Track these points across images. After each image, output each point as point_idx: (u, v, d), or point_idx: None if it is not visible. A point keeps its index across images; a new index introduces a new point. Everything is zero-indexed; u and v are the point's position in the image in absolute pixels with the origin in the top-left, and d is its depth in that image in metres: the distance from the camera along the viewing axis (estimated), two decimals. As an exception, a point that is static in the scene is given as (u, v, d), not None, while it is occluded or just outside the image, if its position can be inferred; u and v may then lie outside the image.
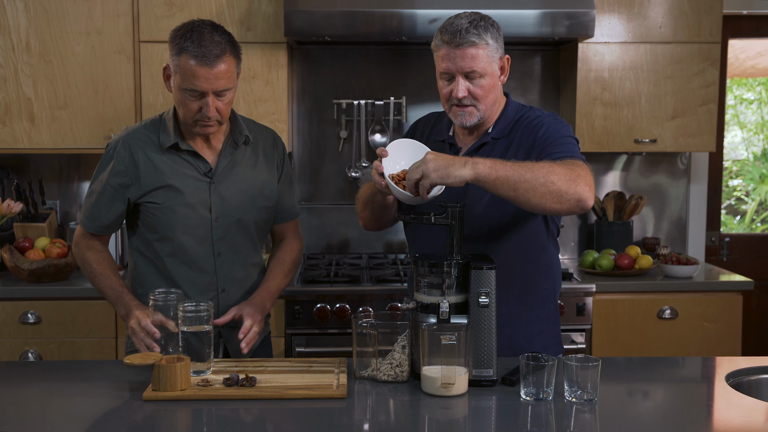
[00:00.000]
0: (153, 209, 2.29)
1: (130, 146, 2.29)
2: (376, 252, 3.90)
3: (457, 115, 2.17)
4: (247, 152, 2.37)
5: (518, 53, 3.87)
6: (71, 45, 3.40)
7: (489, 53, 2.12)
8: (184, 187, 2.28)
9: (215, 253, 2.33)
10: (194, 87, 2.16)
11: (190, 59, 2.14)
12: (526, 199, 1.93)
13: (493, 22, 2.15)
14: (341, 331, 3.23)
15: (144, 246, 2.35)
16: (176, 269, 2.32)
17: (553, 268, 2.28)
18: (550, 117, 2.22)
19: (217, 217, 2.31)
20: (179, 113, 2.24)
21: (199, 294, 2.32)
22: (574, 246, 3.99)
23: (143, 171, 2.27)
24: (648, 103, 3.57)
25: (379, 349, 1.99)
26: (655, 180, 3.97)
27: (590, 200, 1.96)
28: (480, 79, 2.13)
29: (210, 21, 2.22)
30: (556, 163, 1.98)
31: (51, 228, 3.61)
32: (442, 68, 2.15)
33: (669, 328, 3.37)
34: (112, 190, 2.29)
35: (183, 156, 2.30)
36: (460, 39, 2.10)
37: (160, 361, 1.90)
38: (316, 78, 3.85)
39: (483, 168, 1.92)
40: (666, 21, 3.54)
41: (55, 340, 3.22)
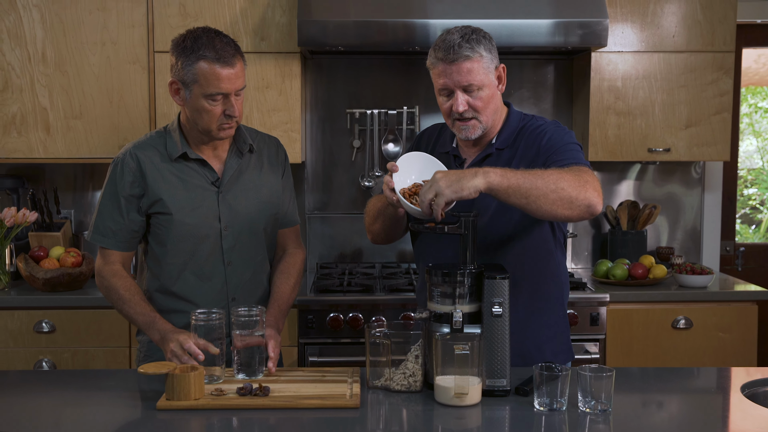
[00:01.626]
0: (162, 220, 2.29)
1: (138, 157, 2.29)
2: (389, 261, 3.90)
3: (460, 129, 2.19)
4: (252, 160, 2.40)
5: (531, 63, 3.87)
6: (86, 55, 3.42)
7: (484, 65, 2.14)
8: (192, 196, 2.30)
9: (225, 262, 2.34)
10: (219, 90, 2.18)
11: (210, 64, 2.16)
12: (538, 206, 1.93)
13: (485, 33, 2.18)
14: (354, 340, 3.23)
15: (153, 261, 2.34)
16: (186, 281, 2.32)
17: (561, 274, 2.30)
18: (552, 125, 2.23)
19: (226, 226, 2.32)
20: (199, 122, 2.24)
21: (209, 304, 2.31)
22: (588, 255, 3.98)
23: (151, 181, 2.28)
24: (662, 112, 3.57)
25: (392, 359, 1.99)
26: (669, 189, 3.96)
27: (599, 205, 1.98)
28: (478, 92, 2.15)
29: (208, 27, 2.25)
30: (564, 170, 1.99)
31: (66, 237, 3.63)
32: (440, 84, 2.17)
33: (683, 339, 3.35)
34: (127, 201, 2.28)
35: (190, 165, 2.31)
36: (454, 54, 2.12)
37: (174, 370, 1.91)
38: (329, 87, 3.86)
39: (495, 177, 1.92)
40: (680, 30, 3.53)
41: (70, 349, 3.23)
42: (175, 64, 2.22)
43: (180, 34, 2.25)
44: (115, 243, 2.30)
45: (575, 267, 3.96)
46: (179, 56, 2.21)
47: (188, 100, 2.23)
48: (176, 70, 2.22)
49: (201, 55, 2.17)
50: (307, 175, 3.89)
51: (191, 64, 2.18)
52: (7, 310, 3.22)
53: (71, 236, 3.73)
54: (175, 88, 2.25)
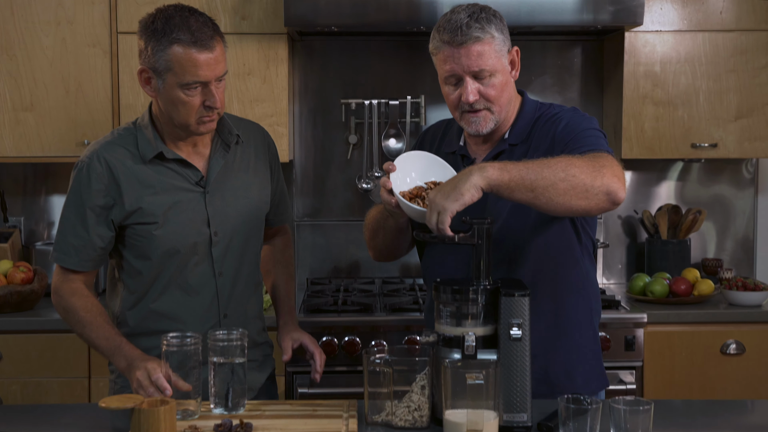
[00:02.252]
0: (141, 231, 2.28)
1: (107, 160, 2.27)
2: (391, 276, 3.91)
3: (470, 122, 2.19)
4: (238, 153, 2.40)
5: (555, 44, 3.88)
6: (38, 37, 3.43)
7: (496, 47, 2.15)
8: (176, 200, 2.29)
9: (216, 273, 2.34)
10: (197, 78, 2.17)
11: (186, 48, 2.16)
12: (548, 198, 1.93)
13: (494, 11, 2.18)
14: (351, 368, 3.23)
15: (129, 277, 2.34)
16: (170, 299, 2.32)
17: (590, 287, 2.29)
18: (570, 111, 2.24)
19: (216, 231, 2.33)
20: (175, 116, 2.23)
21: (198, 324, 2.31)
22: (622, 269, 3.98)
23: (126, 188, 2.27)
24: (707, 101, 3.57)
25: (394, 390, 1.99)
26: (716, 191, 3.96)
27: (621, 192, 1.96)
28: (491, 78, 2.15)
29: (180, 4, 2.25)
30: (575, 156, 2.00)
31: (14, 249, 3.64)
32: (446, 71, 2.17)
33: (735, 366, 3.35)
34: (94, 214, 2.27)
35: (169, 166, 2.30)
36: (462, 36, 2.12)
37: (141, 404, 1.90)
38: (321, 74, 3.87)
39: (492, 172, 1.93)
40: (728, 5, 3.54)
41: (18, 381, 3.23)
42: (144, 50, 2.22)
43: (148, 13, 2.24)
44: (78, 262, 2.29)
45: (607, 282, 3.96)
46: (149, 40, 2.20)
47: (161, 90, 2.22)
48: (146, 56, 2.21)
49: (174, 38, 2.16)
50: (295, 176, 3.89)
51: (163, 48, 2.17)
52: (-55, 334, 3.22)
53: (21, 248, 3.74)
54: (145, 77, 2.24)
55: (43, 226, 3.87)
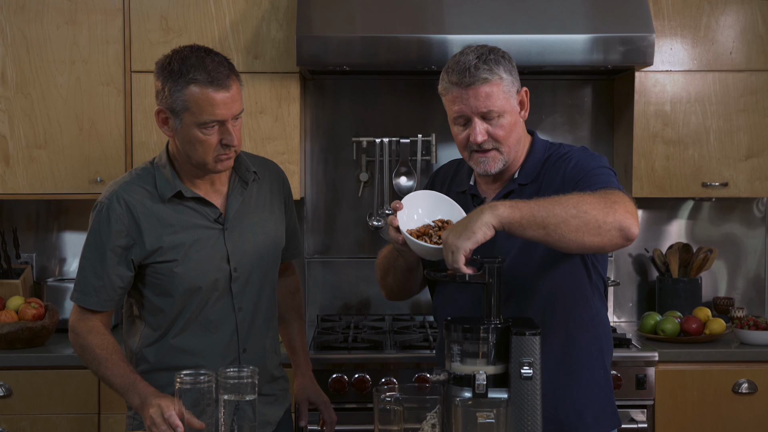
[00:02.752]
0: (162, 269, 2.30)
1: (126, 201, 2.29)
2: (401, 313, 3.90)
3: (479, 162, 2.20)
4: (255, 190, 2.43)
5: (566, 84, 3.90)
6: (53, 76, 3.47)
7: (504, 88, 2.16)
8: (196, 238, 2.31)
9: (236, 308, 2.36)
10: (214, 117, 2.20)
11: (202, 88, 2.19)
12: (560, 235, 1.94)
13: (503, 53, 2.20)
14: (361, 405, 3.22)
15: (150, 314, 2.35)
16: (191, 335, 2.34)
17: (601, 324, 2.29)
18: (580, 150, 2.25)
19: (236, 267, 2.35)
20: (193, 155, 2.26)
21: (219, 358, 2.33)
22: (633, 307, 3.97)
23: (146, 227, 2.29)
24: (717, 140, 3.58)
25: (404, 428, 1.98)
26: (727, 230, 3.96)
27: (634, 227, 1.96)
28: (499, 119, 2.17)
29: (196, 44, 2.28)
30: (587, 193, 2.00)
31: (26, 285, 3.65)
32: (455, 112, 2.18)
33: (747, 405, 3.33)
34: (114, 255, 2.29)
35: (187, 204, 2.33)
36: (471, 78, 2.14)
37: (150, 441, 1.91)
38: (332, 113, 3.90)
39: (504, 210, 1.94)
40: (738, 46, 3.56)
41: (28, 417, 3.23)
42: (161, 90, 2.24)
43: (165, 54, 2.27)
44: (98, 302, 2.30)
45: (618, 320, 3.95)
46: (166, 81, 2.23)
47: (179, 130, 2.25)
48: (163, 96, 2.24)
49: (191, 79, 2.19)
50: (306, 213, 3.91)
51: (180, 89, 2.20)
52: (-44, 370, 3.23)
53: (32, 284, 3.75)
54: (162, 117, 2.27)
55: (54, 263, 3.88)
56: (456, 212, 2.17)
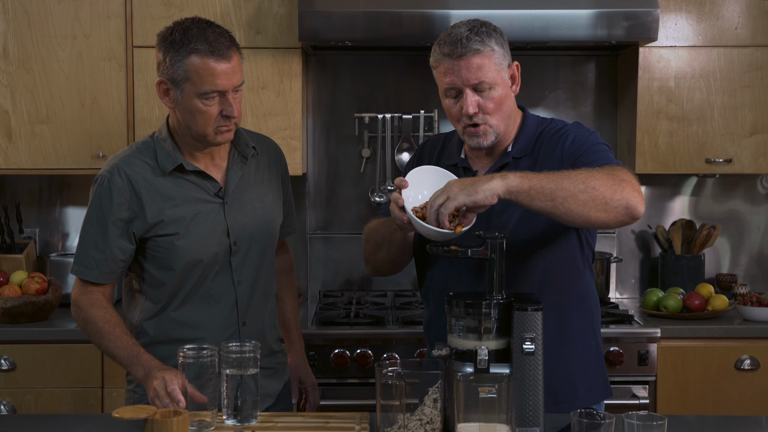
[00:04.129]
0: (163, 242, 2.31)
1: (127, 174, 2.30)
2: (403, 289, 3.91)
3: (471, 136, 2.21)
4: (254, 165, 2.45)
5: (569, 60, 3.89)
6: (55, 51, 3.47)
7: (496, 60, 2.17)
8: (196, 211, 2.33)
9: (235, 281, 2.38)
10: (215, 87, 2.21)
11: (204, 58, 2.20)
12: (567, 209, 1.95)
13: (495, 27, 2.20)
14: (363, 381, 3.24)
15: (151, 287, 2.37)
16: (192, 308, 2.36)
17: (591, 297, 2.31)
18: (574, 126, 2.27)
19: (236, 241, 2.37)
20: (193, 125, 2.27)
21: (219, 331, 2.36)
22: (635, 284, 3.97)
23: (147, 200, 2.30)
24: (722, 116, 3.57)
25: (406, 403, 1.99)
26: (730, 206, 3.96)
27: (640, 206, 1.98)
28: (490, 91, 2.17)
29: (197, 17, 2.29)
30: (595, 169, 2.02)
31: (29, 260, 3.66)
32: (446, 84, 2.18)
33: (749, 381, 3.34)
34: (116, 227, 2.30)
35: (188, 178, 2.34)
36: (462, 48, 2.14)
37: (154, 414, 1.92)
38: (334, 88, 3.89)
39: (514, 179, 1.95)
40: (743, 21, 3.55)
41: (32, 390, 3.25)
42: (162, 61, 2.25)
43: (166, 26, 2.28)
44: (99, 275, 2.32)
45: (620, 297, 3.96)
46: (167, 51, 2.24)
47: (179, 101, 2.26)
48: (164, 67, 2.25)
49: (192, 49, 2.20)
50: (308, 189, 3.91)
51: (181, 59, 2.21)
52: (-40, 344, 3.24)
53: (35, 259, 3.76)
54: (163, 88, 2.28)
55: (57, 238, 3.89)
56: None
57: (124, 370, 3.15)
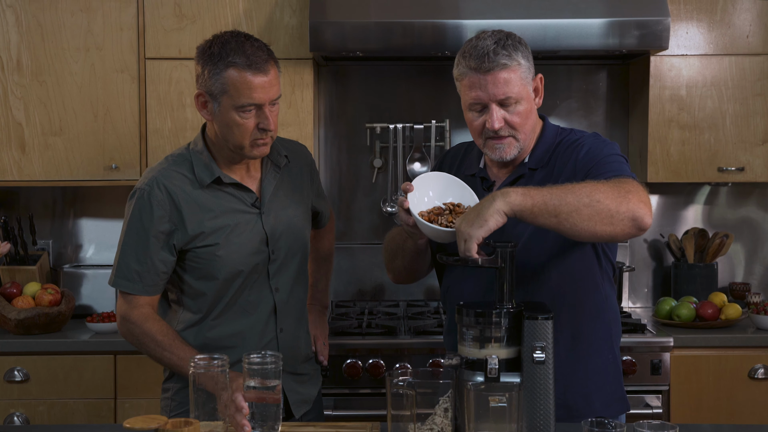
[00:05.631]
0: (204, 253, 2.33)
1: (166, 187, 2.32)
2: (416, 299, 3.92)
3: (494, 149, 2.20)
4: (286, 174, 2.48)
5: (581, 68, 3.89)
6: (68, 63, 3.49)
7: (522, 75, 2.16)
8: (236, 222, 2.35)
9: (273, 289, 2.41)
10: (252, 101, 2.23)
11: (241, 72, 2.22)
12: (572, 224, 1.94)
13: (520, 39, 2.20)
14: (374, 390, 3.23)
15: (190, 298, 2.39)
16: (232, 316, 2.38)
17: (610, 310, 2.29)
18: (591, 137, 2.25)
19: (273, 250, 2.39)
20: (230, 138, 2.29)
21: (258, 339, 2.39)
22: (648, 293, 3.96)
23: (187, 212, 2.32)
24: (734, 125, 3.57)
25: (417, 413, 1.99)
26: (743, 214, 3.95)
27: (647, 217, 1.97)
28: (516, 105, 2.17)
29: (236, 30, 2.32)
30: (600, 182, 2.00)
31: (42, 272, 3.68)
32: (472, 98, 2.17)
33: (763, 390, 3.33)
34: (157, 240, 2.31)
35: (226, 190, 2.36)
36: (490, 63, 2.13)
37: (164, 425, 1.92)
38: (346, 99, 3.90)
39: (516, 197, 1.94)
40: (755, 29, 3.54)
41: (45, 401, 3.26)
42: (201, 74, 2.28)
43: (205, 39, 2.31)
44: (143, 287, 2.33)
45: (633, 306, 3.95)
46: (206, 64, 2.26)
47: (217, 113, 2.28)
48: (203, 80, 2.27)
49: (230, 62, 2.22)
50: (320, 199, 3.92)
51: (219, 72, 2.23)
52: (-26, 355, 3.26)
53: (49, 270, 3.78)
54: (201, 101, 2.30)
55: (71, 249, 3.91)
56: (467, 194, 2.18)
57: (137, 380, 3.19)
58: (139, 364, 3.22)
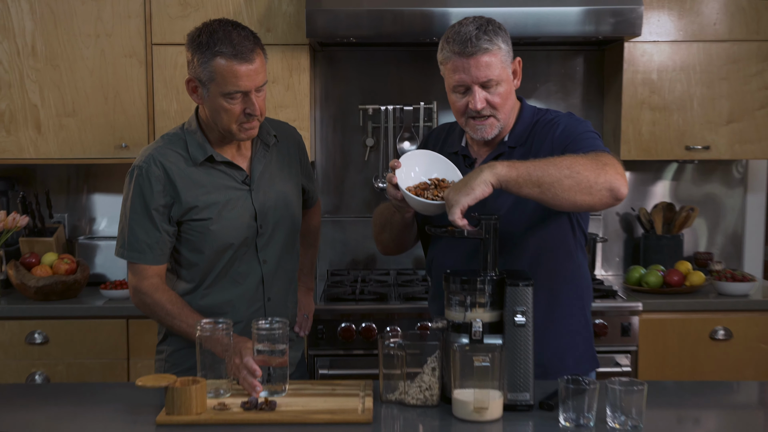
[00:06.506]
0: (198, 227, 2.33)
1: (162, 163, 2.31)
2: (405, 268, 3.93)
3: (476, 128, 2.21)
4: (275, 153, 2.46)
5: (559, 54, 3.89)
6: (79, 49, 3.47)
7: (502, 58, 2.17)
8: (227, 198, 2.35)
9: (261, 261, 2.41)
10: (238, 88, 2.21)
11: (228, 61, 2.20)
12: (554, 194, 1.95)
13: (500, 24, 2.20)
14: (367, 352, 3.25)
15: (185, 268, 2.39)
16: (223, 286, 2.38)
17: (582, 277, 2.31)
18: (566, 116, 2.26)
19: (262, 224, 2.39)
20: (219, 122, 2.28)
21: (246, 308, 2.39)
22: (619, 261, 3.98)
23: (182, 187, 2.31)
24: (701, 106, 3.57)
25: (407, 372, 2.01)
26: (708, 190, 3.96)
27: (623, 188, 1.98)
28: (497, 87, 2.17)
29: (225, 18, 2.29)
30: (579, 155, 2.01)
31: (59, 243, 3.68)
32: (455, 81, 2.18)
33: (723, 350, 3.36)
34: (158, 213, 2.30)
35: (218, 168, 2.36)
36: (472, 47, 2.13)
37: (174, 383, 1.94)
38: (340, 82, 3.89)
39: (501, 169, 1.95)
40: (721, 17, 3.54)
41: (64, 362, 3.28)
42: (191, 61, 2.26)
43: (196, 27, 2.28)
44: (153, 257, 2.32)
45: (605, 274, 3.97)
46: (195, 52, 2.24)
47: (206, 99, 2.27)
48: (192, 67, 2.25)
49: (217, 51, 2.20)
50: (317, 176, 3.92)
51: (207, 61, 2.21)
52: (-4, 320, 3.26)
53: (65, 242, 3.78)
54: (192, 86, 2.29)
55: (84, 222, 3.91)
56: (450, 170, 2.19)
57: (147, 342, 3.20)
58: (149, 328, 3.23)
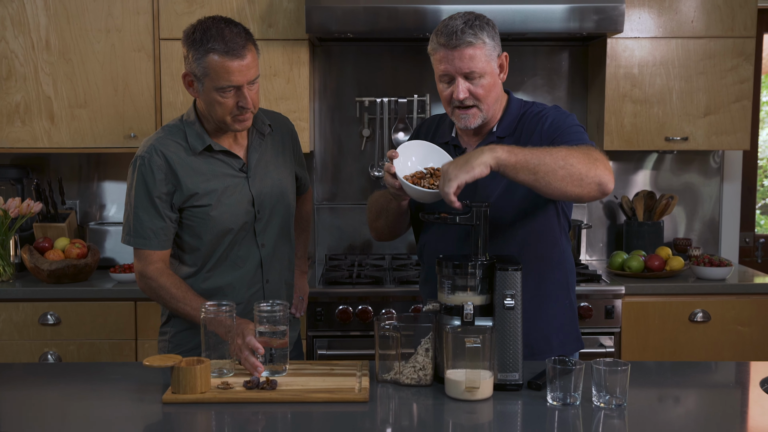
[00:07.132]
0: (198, 213, 2.31)
1: (163, 153, 2.29)
2: (400, 253, 3.91)
3: (460, 118, 2.19)
4: (269, 141, 2.45)
5: (545, 49, 3.86)
6: (91, 43, 3.44)
7: (487, 52, 2.14)
8: (225, 185, 2.33)
9: (259, 245, 2.39)
10: (231, 83, 2.19)
11: (220, 57, 2.17)
12: (547, 182, 1.94)
13: (488, 20, 2.18)
14: (363, 333, 3.24)
15: (186, 253, 2.37)
16: (223, 269, 2.37)
17: (566, 261, 2.30)
18: (553, 109, 2.24)
19: (259, 210, 2.37)
20: (213, 114, 2.26)
21: (246, 289, 2.38)
22: (603, 247, 3.97)
23: (182, 175, 2.29)
24: (679, 100, 3.55)
25: (402, 352, 2.00)
26: (686, 179, 3.95)
27: (611, 183, 1.97)
28: (480, 79, 2.15)
29: (218, 15, 2.26)
30: (572, 148, 2.00)
31: (71, 228, 3.65)
32: (441, 71, 2.17)
33: (701, 332, 3.35)
34: (161, 201, 2.29)
35: (216, 156, 2.34)
36: (457, 40, 2.12)
37: (179, 363, 1.92)
38: (338, 75, 3.87)
39: (502, 153, 1.93)
40: (698, 15, 3.51)
41: (75, 342, 3.26)
42: (186, 56, 2.24)
43: (191, 24, 2.25)
44: (157, 243, 2.30)
45: (590, 259, 3.96)
46: (190, 48, 2.22)
47: (201, 92, 2.25)
48: (188, 62, 2.23)
49: (210, 48, 2.18)
50: (315, 165, 3.89)
51: (201, 57, 2.19)
52: (11, 302, 3.24)
53: (76, 227, 3.75)
54: (188, 80, 2.27)
55: (95, 208, 3.88)
56: (445, 160, 2.16)
57: (154, 324, 3.19)
58: (157, 310, 3.20)
